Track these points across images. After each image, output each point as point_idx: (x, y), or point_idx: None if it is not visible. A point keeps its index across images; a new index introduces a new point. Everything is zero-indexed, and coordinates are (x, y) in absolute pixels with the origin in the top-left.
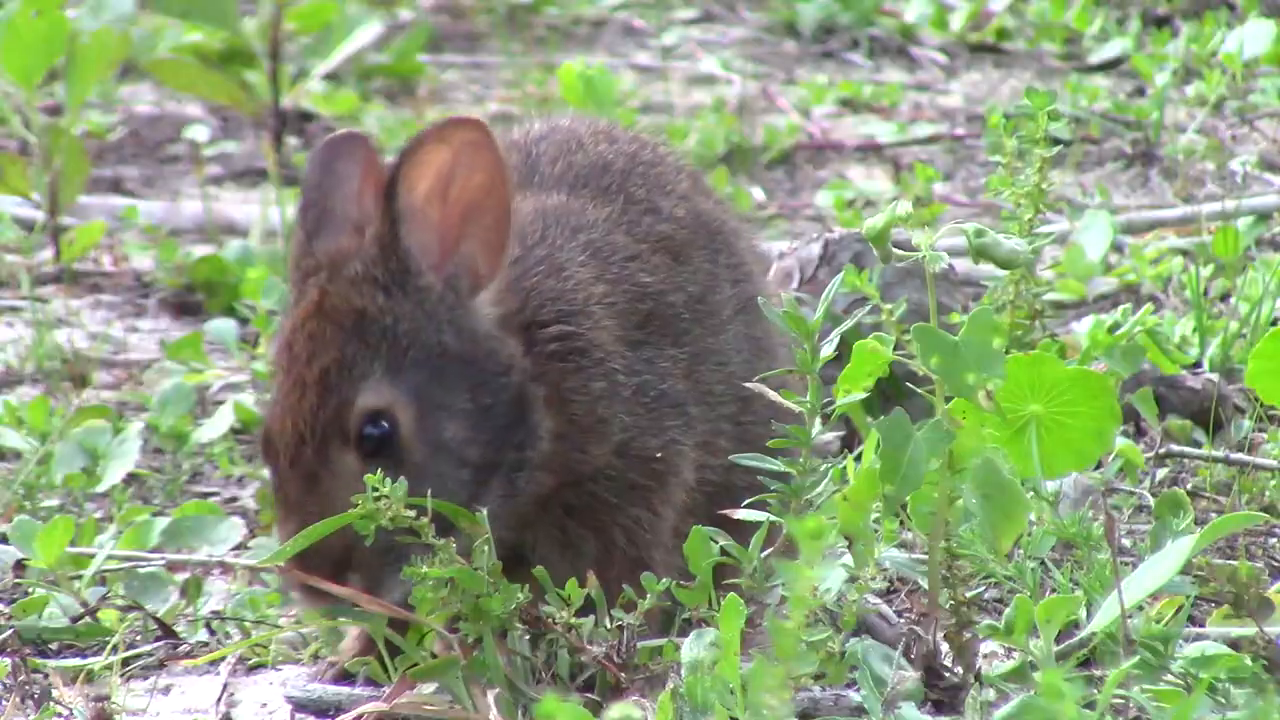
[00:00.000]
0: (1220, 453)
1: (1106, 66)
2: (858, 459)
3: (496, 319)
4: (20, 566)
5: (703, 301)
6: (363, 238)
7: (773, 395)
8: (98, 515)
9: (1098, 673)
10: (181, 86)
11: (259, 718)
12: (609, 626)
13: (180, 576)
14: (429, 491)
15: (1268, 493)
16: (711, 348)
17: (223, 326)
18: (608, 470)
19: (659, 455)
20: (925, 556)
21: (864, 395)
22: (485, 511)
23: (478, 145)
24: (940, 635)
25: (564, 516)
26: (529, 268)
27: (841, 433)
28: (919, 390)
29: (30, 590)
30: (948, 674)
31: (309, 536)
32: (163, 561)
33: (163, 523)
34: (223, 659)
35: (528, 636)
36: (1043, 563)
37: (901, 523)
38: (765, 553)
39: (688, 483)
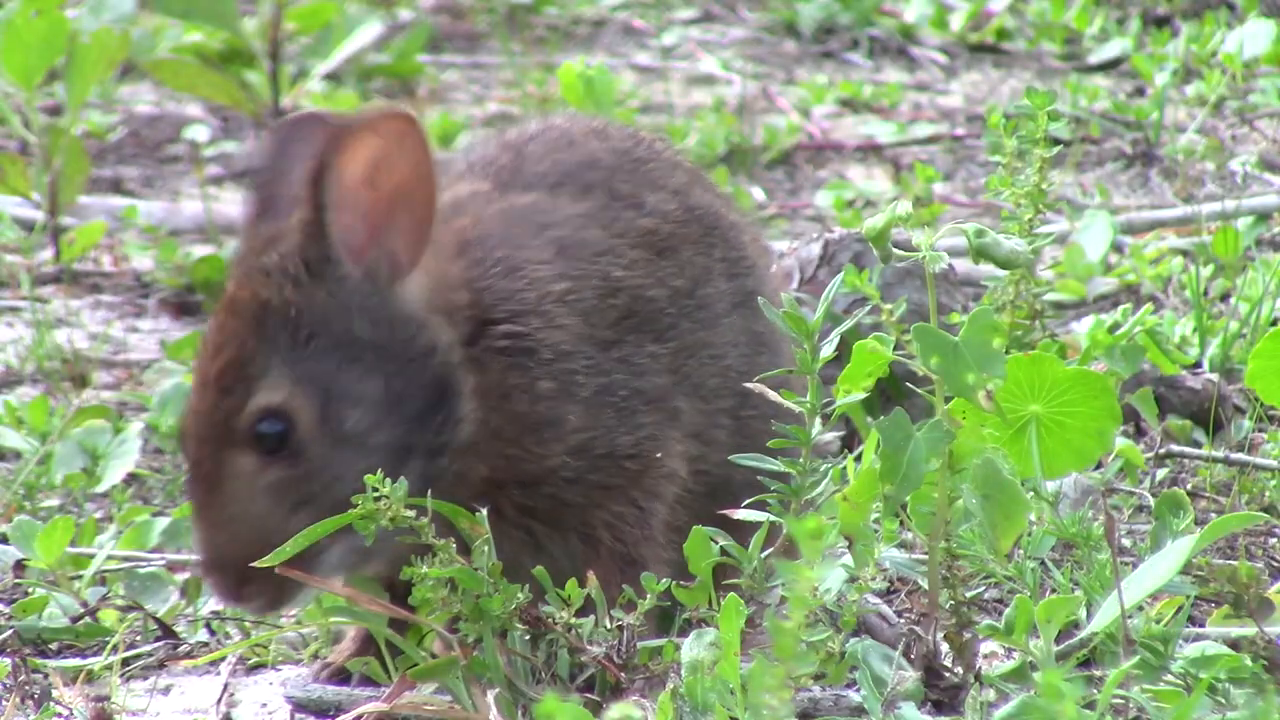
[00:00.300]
0: (1220, 453)
1: (1106, 66)
2: (858, 459)
3: (422, 304)
4: (20, 566)
5: (692, 296)
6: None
7: (772, 395)
8: (98, 515)
9: (1098, 673)
10: (181, 86)
11: (259, 718)
12: (608, 626)
13: (180, 576)
14: (331, 485)
15: (1268, 493)
16: (703, 341)
17: None
18: (562, 471)
19: (631, 453)
20: (925, 556)
21: (864, 395)
22: (484, 511)
23: (406, 136)
24: (940, 635)
25: (524, 518)
26: (486, 268)
27: (841, 433)
28: (919, 390)
29: (30, 590)
30: (948, 674)
31: (308, 537)
32: (163, 561)
33: (163, 523)
34: (223, 659)
35: (528, 636)
36: (1043, 563)
37: (901, 523)
38: (765, 553)
39: (677, 475)
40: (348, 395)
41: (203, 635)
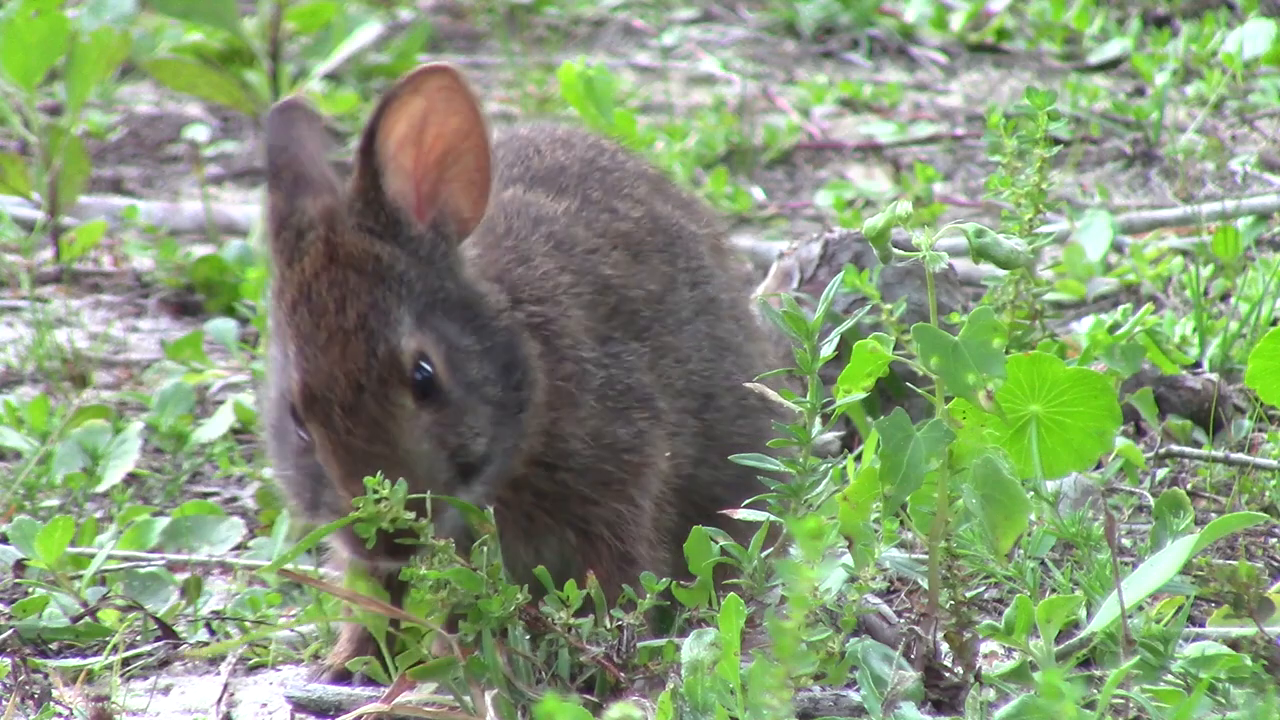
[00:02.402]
0: (1220, 453)
1: (1106, 66)
2: (858, 459)
3: (480, 266)
4: (20, 566)
5: (662, 301)
6: (338, 196)
7: (772, 395)
8: (98, 515)
9: (1098, 673)
10: (181, 86)
11: (259, 718)
12: (609, 626)
13: (180, 576)
14: (471, 432)
15: (1268, 493)
16: (671, 345)
17: (223, 326)
18: (580, 456)
19: (629, 446)
20: (925, 556)
21: (864, 395)
22: (492, 510)
23: (451, 90)
24: (940, 635)
25: (533, 504)
26: (499, 257)
27: (841, 433)
28: (919, 390)
29: (30, 590)
30: (948, 674)
31: (314, 539)
32: (163, 561)
33: (163, 523)
34: (222, 659)
35: (528, 636)
36: (1043, 563)
37: (901, 523)
38: (765, 553)
39: (664, 472)
40: (459, 347)
41: (202, 635)
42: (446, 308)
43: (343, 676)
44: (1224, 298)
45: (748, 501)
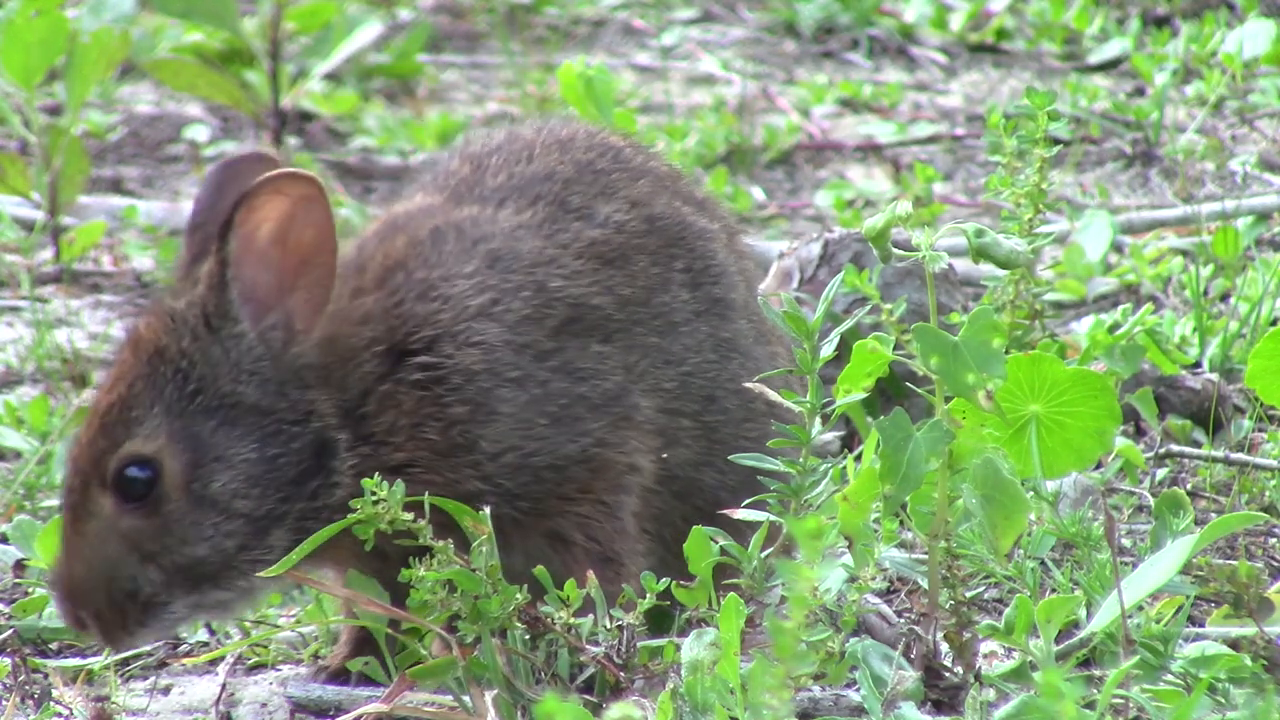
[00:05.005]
0: (1220, 453)
1: (1106, 66)
2: (858, 459)
3: (313, 369)
4: (20, 566)
5: (646, 304)
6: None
7: (772, 395)
8: None
9: (1098, 673)
10: (181, 86)
11: (259, 718)
12: (608, 626)
13: None
14: (183, 543)
15: (1268, 493)
16: (658, 346)
17: None
18: (493, 491)
19: (580, 459)
20: (925, 556)
21: (864, 395)
22: (488, 510)
23: (312, 200)
24: (940, 635)
25: (502, 516)
26: (404, 294)
27: (841, 433)
28: (919, 390)
29: (30, 590)
30: (948, 674)
31: (303, 550)
32: None
33: None
34: (222, 659)
35: (527, 636)
36: (1043, 563)
37: (901, 523)
38: (765, 553)
39: (640, 470)
40: (221, 456)
41: (203, 635)
42: (231, 414)
43: (342, 676)
44: (1224, 298)
45: (748, 501)
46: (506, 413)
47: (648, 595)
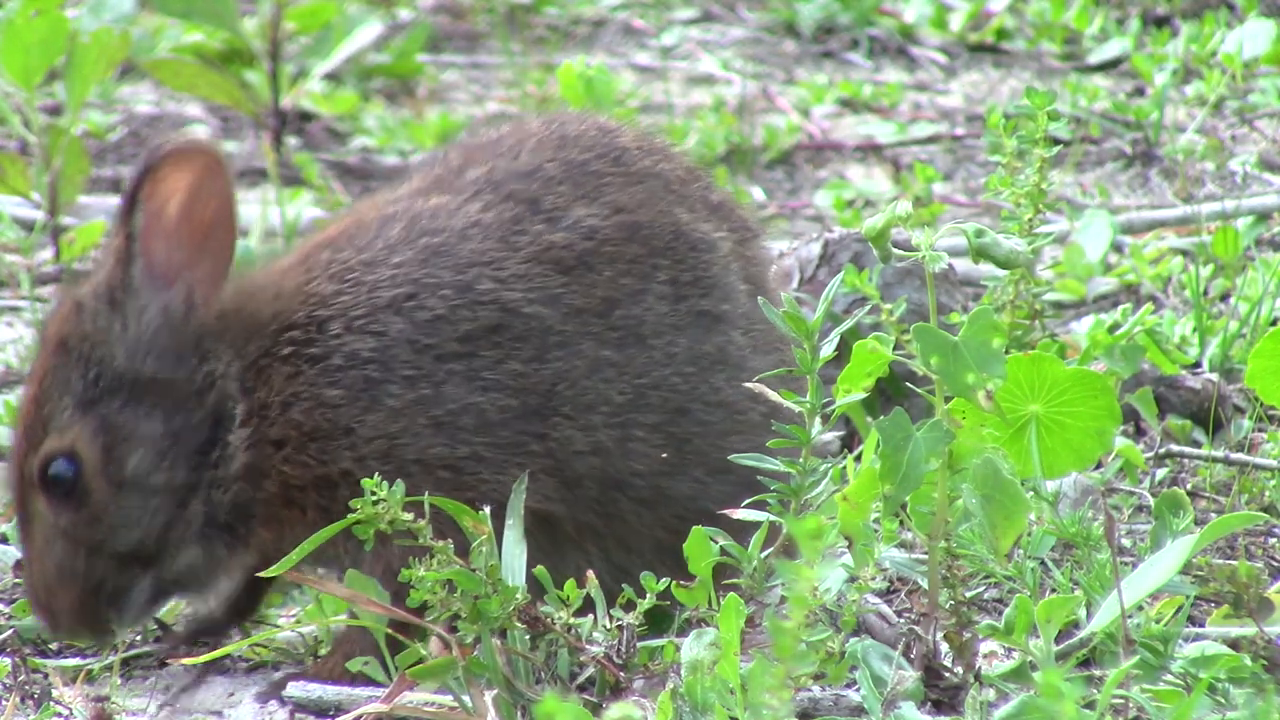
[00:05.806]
0: (1220, 453)
1: (1106, 66)
2: (858, 459)
3: (214, 338)
4: (20, 566)
5: (603, 316)
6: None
7: (772, 395)
8: None
9: (1098, 673)
10: (181, 86)
11: (259, 718)
12: (608, 627)
13: None
14: (117, 530)
15: (1268, 493)
16: (608, 360)
17: None
18: (367, 470)
19: (447, 464)
20: (925, 556)
21: (864, 395)
22: (487, 510)
23: (214, 171)
24: (940, 635)
25: (324, 519)
26: (319, 273)
27: (841, 433)
28: (919, 390)
29: None
30: (948, 674)
31: (312, 543)
32: None
33: None
34: (222, 659)
35: (527, 636)
36: (1043, 563)
37: (901, 523)
38: (765, 553)
39: (506, 494)
40: (131, 436)
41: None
42: (134, 391)
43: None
44: (1224, 298)
45: (748, 501)
46: (390, 406)
47: (648, 595)
